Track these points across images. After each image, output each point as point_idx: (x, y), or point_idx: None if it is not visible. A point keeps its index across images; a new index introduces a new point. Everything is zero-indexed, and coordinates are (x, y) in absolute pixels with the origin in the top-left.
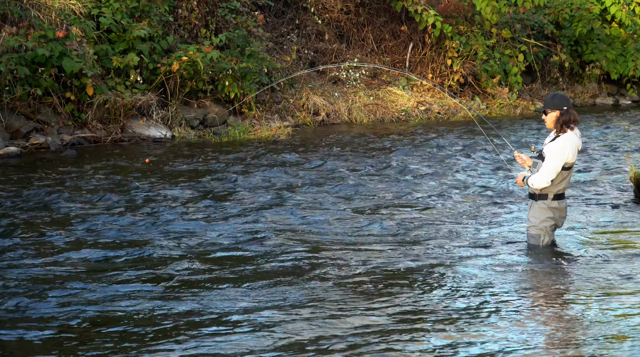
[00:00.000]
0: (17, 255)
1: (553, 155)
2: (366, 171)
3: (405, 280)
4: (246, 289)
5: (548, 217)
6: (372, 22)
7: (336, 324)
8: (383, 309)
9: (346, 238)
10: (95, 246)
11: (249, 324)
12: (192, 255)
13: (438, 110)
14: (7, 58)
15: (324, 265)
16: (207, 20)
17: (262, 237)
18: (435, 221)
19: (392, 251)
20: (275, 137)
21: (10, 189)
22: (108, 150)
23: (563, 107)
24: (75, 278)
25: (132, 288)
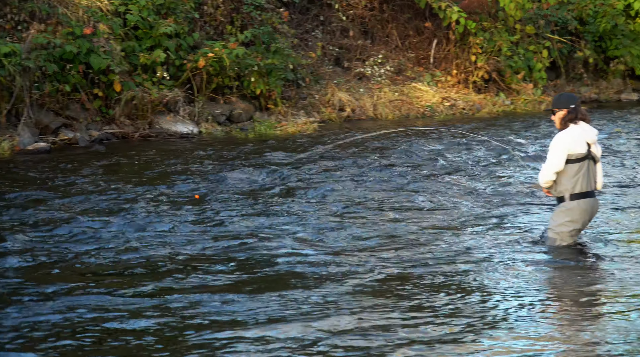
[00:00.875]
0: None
1: (552, 147)
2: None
3: (420, 282)
4: (268, 296)
5: (567, 220)
6: (396, 19)
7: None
8: (404, 313)
9: (368, 242)
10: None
11: (263, 334)
12: (216, 257)
13: (463, 106)
14: (35, 55)
15: (343, 270)
16: (232, 17)
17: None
18: (455, 223)
19: (411, 253)
20: (301, 133)
21: (39, 183)
22: (136, 145)
23: (570, 106)
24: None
25: (165, 284)
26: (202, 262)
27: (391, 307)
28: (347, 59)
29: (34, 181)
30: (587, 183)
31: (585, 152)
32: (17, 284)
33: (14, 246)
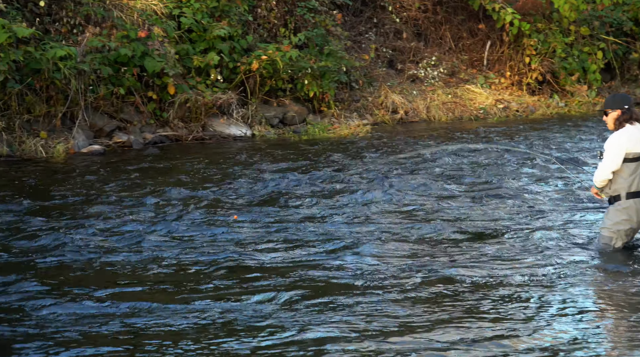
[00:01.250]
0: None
1: (608, 146)
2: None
3: (467, 287)
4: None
5: (623, 219)
6: (449, 21)
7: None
8: (451, 316)
9: (409, 247)
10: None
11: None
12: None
13: (516, 108)
14: (90, 58)
15: (385, 276)
16: (286, 20)
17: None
18: (500, 228)
19: (457, 258)
20: (354, 135)
21: (91, 185)
22: (189, 148)
23: (624, 106)
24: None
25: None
26: (243, 269)
27: (437, 312)
28: (400, 61)
29: (87, 183)
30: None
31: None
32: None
33: (71, 244)
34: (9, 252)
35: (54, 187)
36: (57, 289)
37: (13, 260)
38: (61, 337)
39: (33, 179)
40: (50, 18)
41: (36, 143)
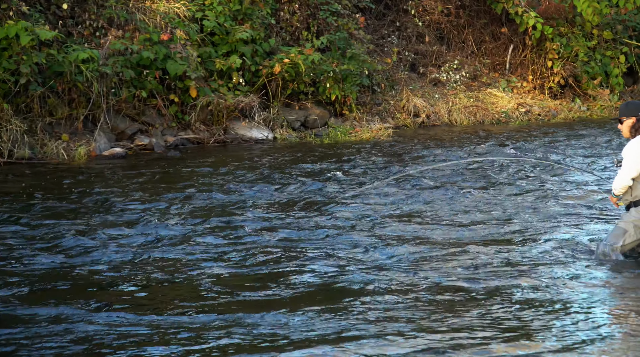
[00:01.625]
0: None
1: (627, 154)
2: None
3: (475, 295)
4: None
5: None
6: (472, 24)
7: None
8: (459, 325)
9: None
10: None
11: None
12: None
13: (538, 112)
14: (113, 61)
15: (393, 283)
16: (308, 23)
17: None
18: (510, 236)
19: (465, 266)
20: (375, 138)
21: (116, 188)
22: (211, 151)
23: (639, 113)
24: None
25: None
26: (251, 279)
27: (445, 320)
28: (422, 65)
29: (108, 186)
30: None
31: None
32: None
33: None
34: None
35: (74, 189)
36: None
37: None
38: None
39: (53, 182)
40: (73, 21)
41: (58, 146)
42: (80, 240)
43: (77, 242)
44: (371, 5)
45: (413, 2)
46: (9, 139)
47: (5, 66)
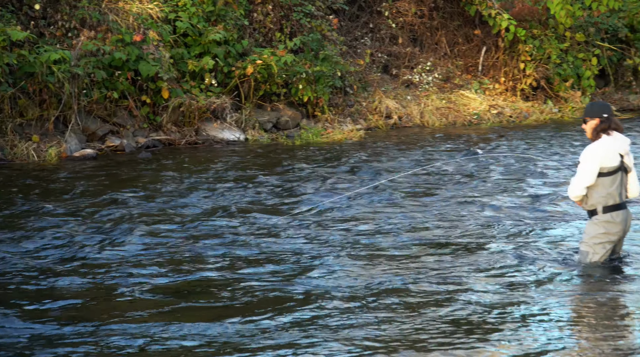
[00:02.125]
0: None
1: (583, 159)
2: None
3: (437, 298)
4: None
5: (600, 233)
6: (445, 26)
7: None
8: (424, 328)
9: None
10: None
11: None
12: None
13: (510, 113)
14: (85, 61)
15: (368, 284)
16: (282, 24)
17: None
18: (480, 238)
19: (427, 265)
20: (347, 140)
21: (79, 190)
22: (182, 152)
23: (603, 115)
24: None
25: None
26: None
27: (413, 323)
28: (395, 66)
29: (74, 187)
30: (619, 195)
31: (618, 164)
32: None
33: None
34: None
35: (42, 190)
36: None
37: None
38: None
39: (20, 184)
40: (45, 21)
41: (28, 147)
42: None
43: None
44: (345, 7)
45: (387, 4)
46: None
47: None
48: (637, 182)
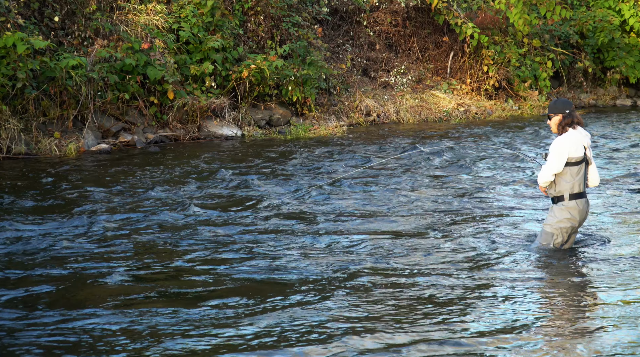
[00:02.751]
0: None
1: (552, 150)
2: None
3: (406, 287)
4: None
5: (565, 218)
6: (417, 34)
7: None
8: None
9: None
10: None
11: None
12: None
13: (475, 111)
14: (99, 67)
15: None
16: (272, 33)
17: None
18: (446, 224)
19: (390, 249)
20: (332, 135)
21: (104, 179)
22: (186, 146)
23: (565, 111)
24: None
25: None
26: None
27: (378, 307)
28: (373, 70)
29: (96, 178)
30: (583, 185)
31: (582, 155)
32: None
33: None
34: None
35: (65, 180)
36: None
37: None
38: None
39: (46, 174)
40: (64, 32)
41: (50, 142)
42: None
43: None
44: (328, 17)
45: (365, 15)
46: (7, 136)
47: (3, 72)
48: (596, 173)
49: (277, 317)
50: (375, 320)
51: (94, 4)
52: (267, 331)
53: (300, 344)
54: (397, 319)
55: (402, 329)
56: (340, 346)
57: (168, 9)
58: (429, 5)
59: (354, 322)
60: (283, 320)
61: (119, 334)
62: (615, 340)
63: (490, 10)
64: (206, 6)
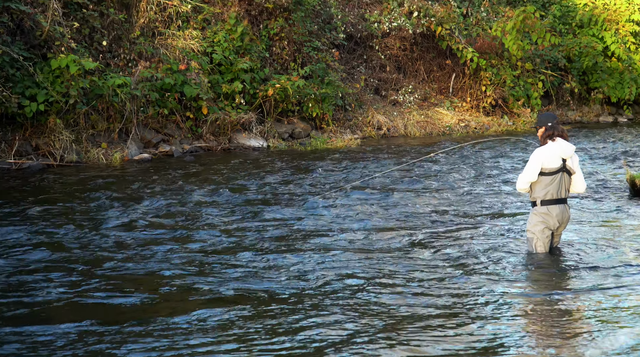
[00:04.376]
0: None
1: (529, 160)
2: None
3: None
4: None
5: (539, 221)
6: (423, 57)
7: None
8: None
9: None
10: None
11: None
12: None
13: (475, 126)
14: (142, 85)
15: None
16: (295, 56)
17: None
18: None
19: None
20: (347, 146)
21: (147, 184)
22: (218, 156)
23: (548, 123)
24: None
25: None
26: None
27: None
28: (384, 89)
29: (140, 183)
30: (557, 192)
31: (558, 166)
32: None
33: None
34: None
35: (114, 185)
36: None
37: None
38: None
39: (98, 180)
40: (111, 54)
41: (98, 152)
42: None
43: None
44: (344, 43)
45: (377, 40)
46: (60, 146)
47: (58, 90)
48: (581, 181)
49: (272, 330)
50: (367, 334)
51: (138, 30)
52: (266, 347)
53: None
54: (389, 335)
55: (397, 343)
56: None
57: (203, 34)
58: (433, 32)
59: (343, 337)
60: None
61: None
62: (607, 346)
63: (487, 37)
64: (236, 32)
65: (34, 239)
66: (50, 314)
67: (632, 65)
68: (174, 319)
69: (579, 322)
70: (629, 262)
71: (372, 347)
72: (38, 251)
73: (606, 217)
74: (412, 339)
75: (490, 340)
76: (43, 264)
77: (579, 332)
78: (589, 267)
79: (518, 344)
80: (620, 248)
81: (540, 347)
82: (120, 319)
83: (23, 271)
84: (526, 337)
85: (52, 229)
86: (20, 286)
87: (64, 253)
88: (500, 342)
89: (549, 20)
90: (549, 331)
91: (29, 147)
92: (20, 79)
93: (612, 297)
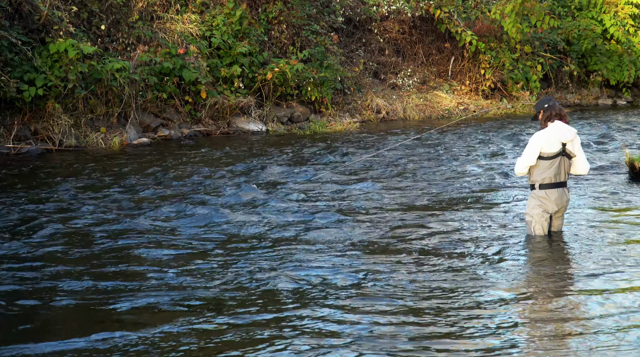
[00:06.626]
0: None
1: (528, 144)
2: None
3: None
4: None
5: (537, 204)
6: (422, 41)
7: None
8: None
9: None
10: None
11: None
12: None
13: (474, 109)
14: (140, 70)
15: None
16: (293, 40)
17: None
18: (435, 207)
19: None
20: (346, 130)
21: (146, 168)
22: (217, 140)
23: (544, 106)
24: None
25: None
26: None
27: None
28: (383, 73)
29: (138, 168)
30: (555, 176)
31: (557, 151)
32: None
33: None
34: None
35: (114, 168)
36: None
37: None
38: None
39: (95, 164)
40: (109, 38)
41: (97, 136)
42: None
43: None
44: (343, 26)
45: (376, 23)
46: (59, 131)
47: (56, 74)
48: (583, 163)
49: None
50: (365, 335)
51: (136, 14)
52: (260, 346)
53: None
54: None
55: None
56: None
57: (201, 18)
58: (432, 15)
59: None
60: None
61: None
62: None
63: (486, 20)
64: (235, 16)
65: (32, 222)
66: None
67: (631, 47)
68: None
69: (579, 312)
70: (630, 247)
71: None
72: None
73: (605, 200)
74: (399, 337)
75: (486, 337)
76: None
77: (577, 327)
78: (588, 253)
79: (515, 342)
80: (620, 232)
81: (536, 342)
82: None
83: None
84: (523, 334)
85: (47, 215)
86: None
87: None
88: (497, 339)
89: (548, 2)
90: (546, 326)
91: (28, 131)
92: (19, 63)
93: (616, 281)
